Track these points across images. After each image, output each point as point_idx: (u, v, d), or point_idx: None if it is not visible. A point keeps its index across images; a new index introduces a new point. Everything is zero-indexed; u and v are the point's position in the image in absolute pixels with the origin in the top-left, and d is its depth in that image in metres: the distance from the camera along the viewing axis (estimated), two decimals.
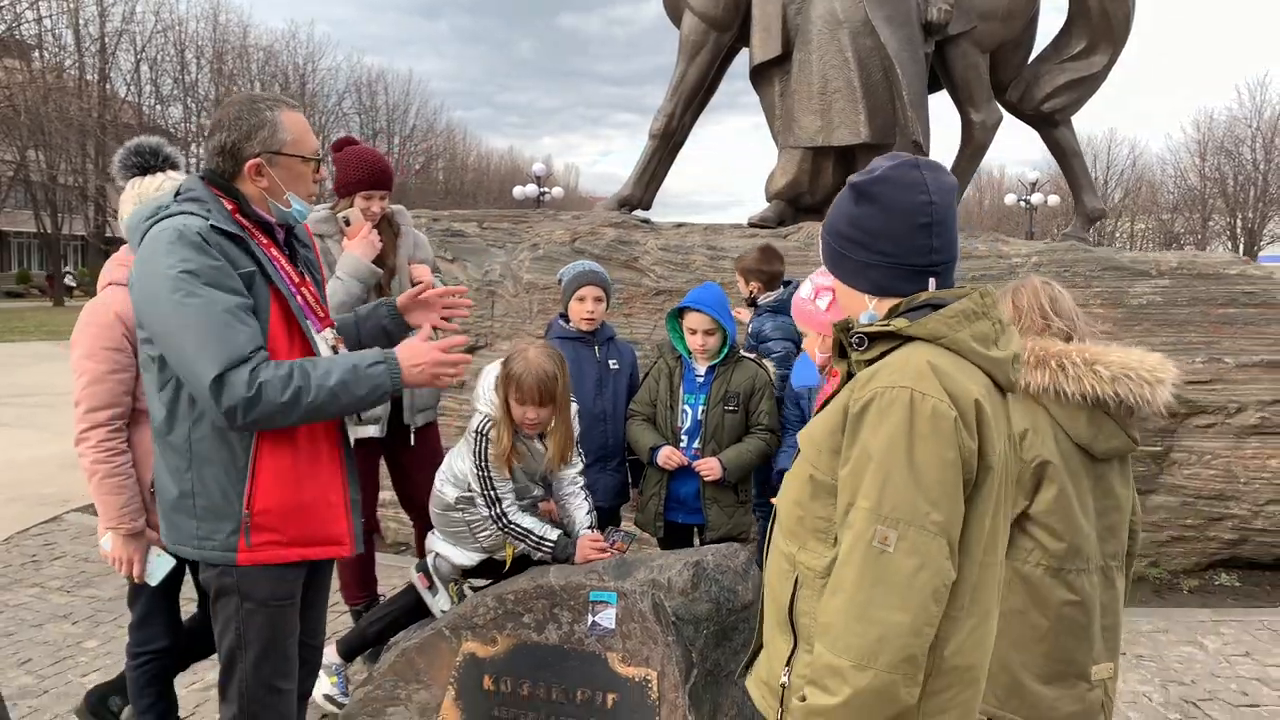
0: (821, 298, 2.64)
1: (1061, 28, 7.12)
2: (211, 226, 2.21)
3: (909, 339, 1.64)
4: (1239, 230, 43.74)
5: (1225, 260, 5.86)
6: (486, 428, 3.25)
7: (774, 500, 1.90)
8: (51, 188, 35.07)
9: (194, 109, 38.78)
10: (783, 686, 1.70)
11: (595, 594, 3.01)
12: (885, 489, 1.53)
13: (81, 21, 34.41)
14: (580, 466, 3.51)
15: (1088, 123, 51.83)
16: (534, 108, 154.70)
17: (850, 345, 1.71)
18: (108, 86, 35.53)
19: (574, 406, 3.44)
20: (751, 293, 4.61)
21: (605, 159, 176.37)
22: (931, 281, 1.69)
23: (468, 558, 3.43)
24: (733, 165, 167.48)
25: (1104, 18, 6.76)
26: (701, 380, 3.79)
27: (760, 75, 6.73)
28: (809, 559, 1.67)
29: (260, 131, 2.33)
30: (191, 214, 2.23)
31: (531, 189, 31.90)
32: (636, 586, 3.00)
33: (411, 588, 3.63)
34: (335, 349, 2.48)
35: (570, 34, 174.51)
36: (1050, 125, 7.23)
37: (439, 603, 3.50)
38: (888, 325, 1.65)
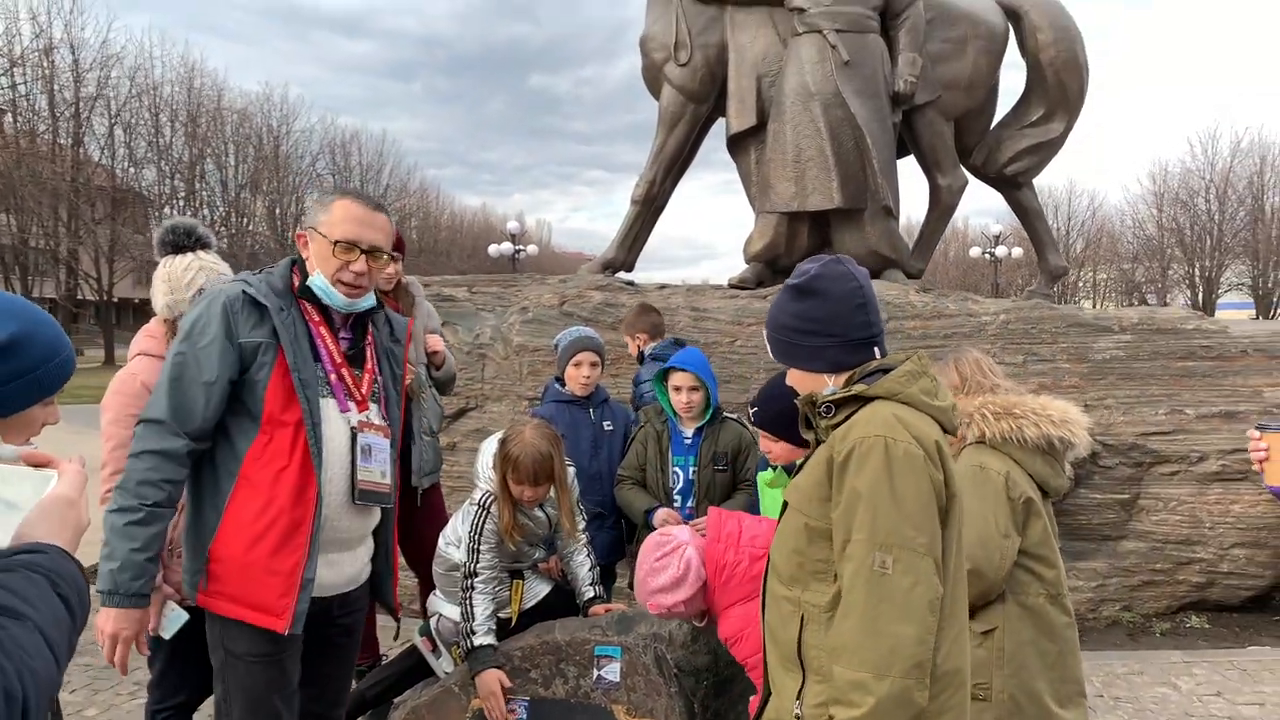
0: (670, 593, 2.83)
1: (1021, 96, 7.47)
2: (242, 293, 2.42)
3: (869, 399, 1.93)
4: (1198, 279, 44.79)
5: (1182, 316, 6.15)
6: (488, 502, 3.38)
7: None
8: (23, 251, 34.94)
9: (168, 171, 38.95)
10: (796, 718, 1.88)
11: (600, 648, 3.15)
12: (876, 520, 1.79)
13: (56, 87, 34.61)
14: (582, 524, 3.65)
15: (1047, 175, 53.01)
16: (506, 165, 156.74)
17: (819, 415, 1.99)
18: (81, 150, 35.62)
19: (570, 470, 3.59)
20: (639, 348, 4.89)
21: (576, 214, 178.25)
22: (876, 350, 2.01)
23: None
24: (705, 219, 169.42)
25: (1060, 88, 7.14)
26: (690, 442, 3.94)
27: (736, 144, 7.05)
28: (813, 597, 1.90)
29: (309, 210, 2.59)
30: (239, 281, 2.49)
31: (507, 247, 32.31)
32: (639, 640, 3.14)
33: (413, 650, 3.71)
34: (356, 430, 2.54)
35: (541, 93, 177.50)
36: (1013, 187, 7.57)
37: (443, 665, 3.58)
38: (850, 391, 1.95)
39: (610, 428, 4.17)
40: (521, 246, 32.96)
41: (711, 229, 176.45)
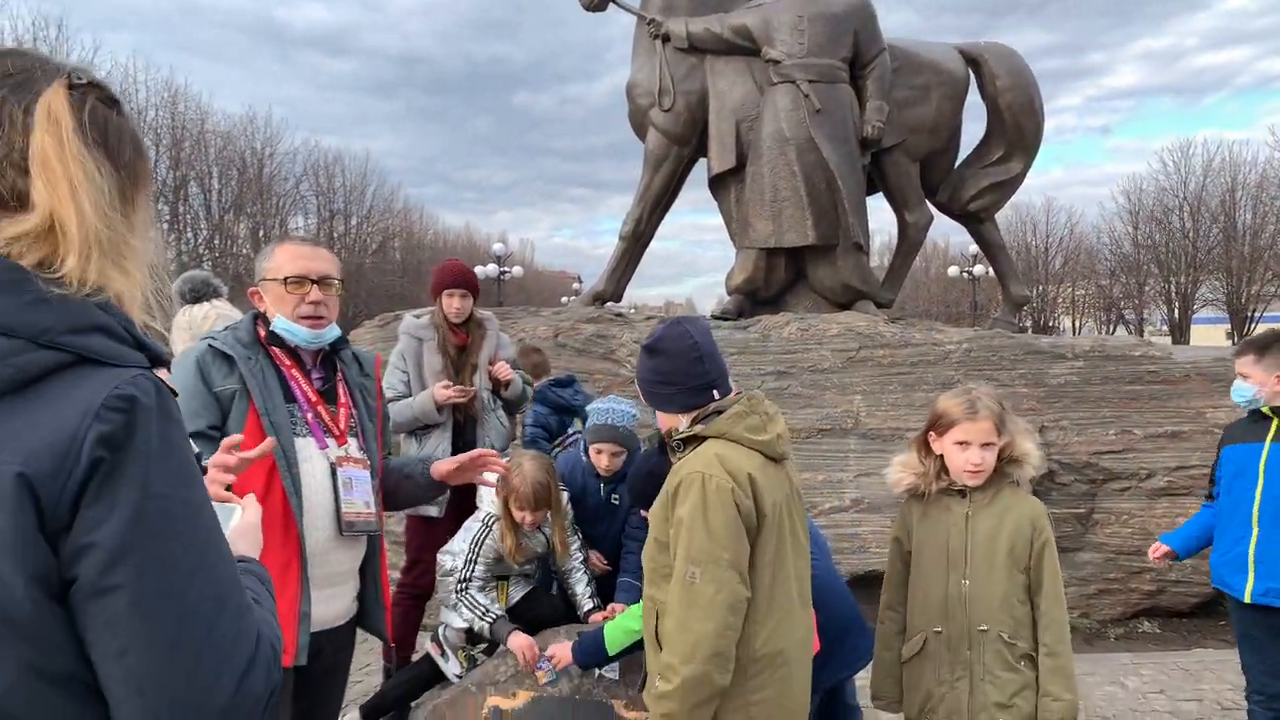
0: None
1: (982, 138, 8.00)
2: (209, 347, 2.54)
3: (706, 437, 2.42)
4: (1174, 295, 45.30)
5: (1131, 343, 6.64)
6: (490, 521, 3.82)
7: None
8: None
9: (152, 195, 39.12)
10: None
11: None
12: (691, 540, 2.28)
13: None
14: (578, 543, 4.05)
15: (1023, 194, 53.33)
16: (489, 184, 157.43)
17: (673, 449, 2.53)
18: None
19: (565, 495, 3.94)
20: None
21: (560, 232, 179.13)
22: (715, 392, 2.48)
23: (463, 620, 3.89)
24: (686, 237, 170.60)
25: (1017, 130, 7.66)
26: None
27: (718, 184, 7.53)
28: (662, 595, 2.39)
29: (257, 264, 2.72)
30: (205, 339, 2.61)
31: (492, 269, 32.67)
32: None
33: (429, 656, 4.12)
34: (335, 465, 2.58)
35: (524, 112, 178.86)
36: (976, 222, 8.07)
37: (451, 668, 3.98)
38: (690, 431, 2.46)
39: (617, 502, 4.14)
40: (507, 269, 33.36)
41: (693, 247, 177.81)
